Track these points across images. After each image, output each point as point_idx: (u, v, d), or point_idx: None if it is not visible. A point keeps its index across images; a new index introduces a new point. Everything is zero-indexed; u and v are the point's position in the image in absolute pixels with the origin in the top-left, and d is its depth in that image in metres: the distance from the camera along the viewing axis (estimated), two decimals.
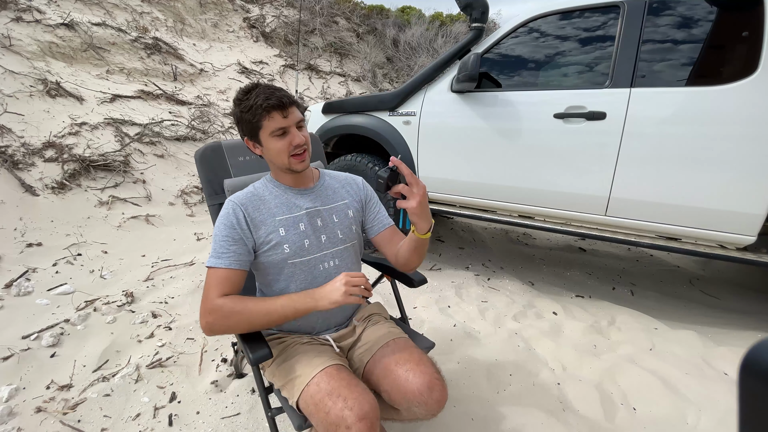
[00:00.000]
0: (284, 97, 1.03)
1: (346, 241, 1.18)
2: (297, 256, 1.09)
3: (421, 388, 0.99)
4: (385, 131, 2.59)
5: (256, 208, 1.08)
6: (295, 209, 1.12)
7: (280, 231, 1.08)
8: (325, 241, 1.14)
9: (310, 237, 1.11)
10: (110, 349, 1.76)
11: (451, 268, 2.79)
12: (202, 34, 6.44)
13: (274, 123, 1.02)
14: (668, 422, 1.48)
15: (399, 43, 8.23)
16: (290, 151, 1.05)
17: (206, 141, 4.33)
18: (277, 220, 1.08)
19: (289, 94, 1.06)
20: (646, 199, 1.95)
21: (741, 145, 1.74)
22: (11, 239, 2.49)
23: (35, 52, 4.05)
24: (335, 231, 1.16)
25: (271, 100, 1.00)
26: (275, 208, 1.10)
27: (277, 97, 1.01)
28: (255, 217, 1.07)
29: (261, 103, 1.00)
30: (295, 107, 1.06)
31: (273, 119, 1.02)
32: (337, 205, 1.19)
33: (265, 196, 1.11)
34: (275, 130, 1.03)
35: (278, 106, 1.01)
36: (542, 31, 2.22)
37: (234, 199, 1.08)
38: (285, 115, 1.03)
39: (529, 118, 2.16)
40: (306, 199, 1.15)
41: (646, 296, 2.54)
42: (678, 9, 1.88)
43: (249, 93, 1.03)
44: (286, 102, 1.02)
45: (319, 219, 1.14)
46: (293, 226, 1.10)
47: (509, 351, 1.84)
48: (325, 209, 1.16)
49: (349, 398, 0.90)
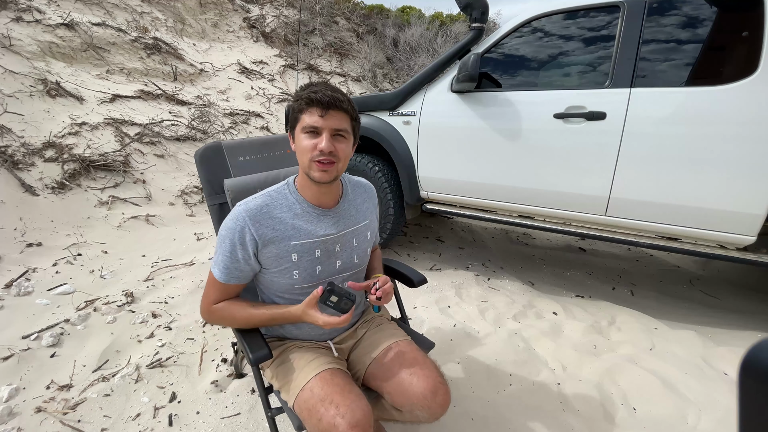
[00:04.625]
0: (332, 98, 0.94)
1: (360, 266, 1.15)
2: (306, 282, 1.05)
3: (424, 392, 0.99)
4: (385, 131, 2.59)
5: (270, 226, 0.99)
6: (312, 234, 1.03)
7: (293, 257, 1.01)
8: (339, 266, 1.09)
9: (324, 263, 1.06)
10: (110, 349, 1.76)
11: (451, 268, 2.79)
12: (202, 34, 6.44)
13: (309, 118, 0.95)
14: (668, 422, 1.48)
15: (399, 43, 8.23)
16: (313, 156, 0.95)
17: (206, 141, 4.33)
18: (291, 245, 1.00)
19: (344, 99, 0.96)
20: (646, 199, 1.95)
21: (741, 145, 1.74)
22: (11, 239, 2.49)
23: (35, 52, 4.05)
24: (352, 256, 1.11)
25: (317, 95, 0.93)
26: (291, 230, 1.01)
27: (325, 94, 0.93)
28: (266, 235, 0.98)
29: (307, 95, 0.94)
30: (342, 113, 0.96)
31: (310, 114, 0.95)
32: (359, 228, 1.12)
33: (281, 213, 1.01)
34: (307, 127, 0.95)
35: (319, 102, 0.93)
36: (542, 31, 2.22)
37: (245, 212, 0.98)
38: (322, 115, 0.94)
39: (529, 118, 2.16)
40: (327, 222, 1.05)
41: (646, 296, 2.54)
42: (678, 9, 1.88)
43: (309, 86, 0.97)
44: (330, 102, 0.93)
45: (338, 245, 1.07)
46: (307, 253, 1.02)
47: (509, 351, 1.84)
48: (347, 233, 1.09)
49: (341, 405, 0.90)
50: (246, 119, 5.05)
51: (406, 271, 1.34)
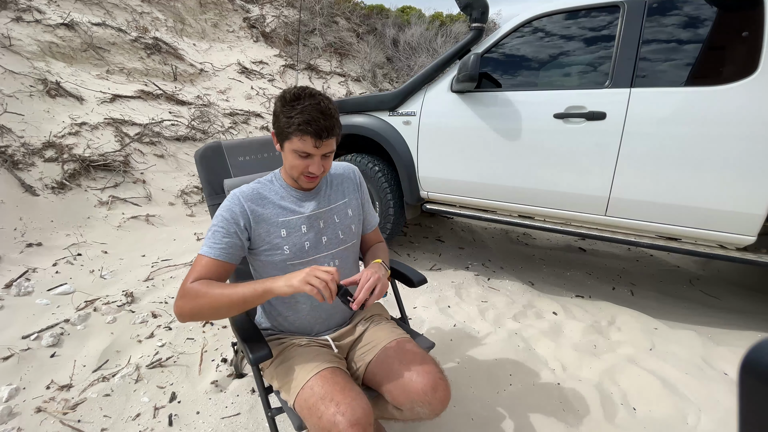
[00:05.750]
0: (326, 130, 0.98)
1: (347, 242, 1.19)
2: (297, 257, 1.10)
3: (425, 388, 0.99)
4: (385, 131, 2.59)
5: (260, 205, 1.08)
6: (298, 212, 1.11)
7: (282, 232, 1.08)
8: (326, 242, 1.15)
9: (311, 239, 1.12)
10: (110, 349, 1.77)
11: (451, 268, 2.79)
12: (202, 34, 6.44)
13: (302, 145, 0.99)
14: (668, 422, 1.48)
15: (399, 43, 8.23)
16: (304, 172, 1.05)
17: (206, 141, 4.33)
18: (279, 221, 1.09)
19: (334, 124, 1.00)
20: (646, 199, 1.95)
21: (741, 145, 1.74)
22: (11, 239, 2.49)
23: (35, 52, 4.05)
24: (336, 232, 1.17)
25: (311, 127, 0.96)
26: (279, 209, 1.10)
27: (319, 126, 0.97)
28: (257, 212, 1.06)
29: (300, 122, 0.96)
30: (332, 140, 1.02)
31: (304, 142, 0.99)
32: (338, 206, 1.19)
33: (270, 195, 1.11)
34: (299, 151, 1.00)
35: (315, 134, 0.97)
36: (542, 31, 2.22)
37: (238, 193, 1.08)
38: (317, 145, 0.99)
39: (529, 118, 2.16)
40: (310, 202, 1.14)
41: (646, 296, 2.54)
42: (678, 9, 1.88)
43: (299, 100, 0.98)
44: (325, 135, 0.98)
45: (321, 221, 1.14)
46: (295, 228, 1.10)
47: (509, 351, 1.84)
48: (327, 210, 1.16)
49: (341, 403, 0.90)
50: (246, 119, 5.05)
51: (406, 271, 1.34)
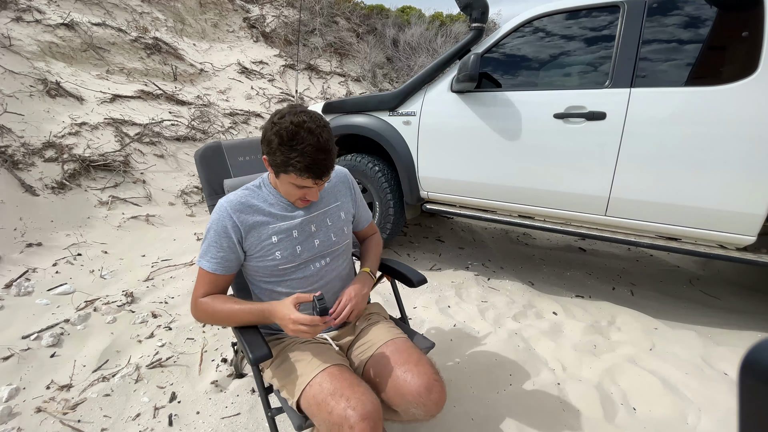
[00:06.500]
0: (326, 170, 1.00)
1: (339, 243, 1.20)
2: (288, 262, 1.11)
3: (419, 389, 0.99)
4: (385, 131, 2.59)
5: (249, 214, 1.08)
6: (288, 218, 1.11)
7: (273, 239, 1.09)
8: (318, 244, 1.15)
9: (303, 243, 1.12)
10: (110, 349, 1.76)
11: (451, 268, 2.79)
12: (202, 34, 6.44)
13: (301, 182, 1.01)
14: (668, 422, 1.48)
15: (399, 43, 8.22)
16: (301, 198, 1.07)
17: (206, 141, 4.33)
18: (270, 228, 1.08)
19: (333, 158, 1.00)
20: (646, 199, 1.95)
21: (741, 145, 1.74)
22: (11, 239, 2.49)
23: (35, 52, 4.05)
24: (329, 234, 1.17)
25: (312, 170, 0.97)
26: (269, 216, 1.09)
27: (320, 169, 0.98)
28: (247, 221, 1.07)
29: (301, 167, 0.96)
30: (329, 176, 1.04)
31: (303, 180, 1.00)
32: (330, 209, 1.19)
33: (258, 202, 1.10)
34: (298, 184, 1.02)
35: (316, 176, 0.99)
36: (542, 31, 2.22)
37: (226, 204, 1.07)
38: (317, 183, 1.02)
39: (529, 118, 2.16)
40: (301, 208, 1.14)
41: (646, 296, 2.54)
42: (678, 9, 1.88)
43: (296, 139, 0.95)
44: (325, 175, 1.01)
45: (313, 225, 1.15)
46: (286, 234, 1.10)
47: (509, 351, 1.84)
48: (319, 213, 1.16)
49: (351, 398, 0.90)
50: (246, 119, 5.05)
51: (405, 271, 1.34)
